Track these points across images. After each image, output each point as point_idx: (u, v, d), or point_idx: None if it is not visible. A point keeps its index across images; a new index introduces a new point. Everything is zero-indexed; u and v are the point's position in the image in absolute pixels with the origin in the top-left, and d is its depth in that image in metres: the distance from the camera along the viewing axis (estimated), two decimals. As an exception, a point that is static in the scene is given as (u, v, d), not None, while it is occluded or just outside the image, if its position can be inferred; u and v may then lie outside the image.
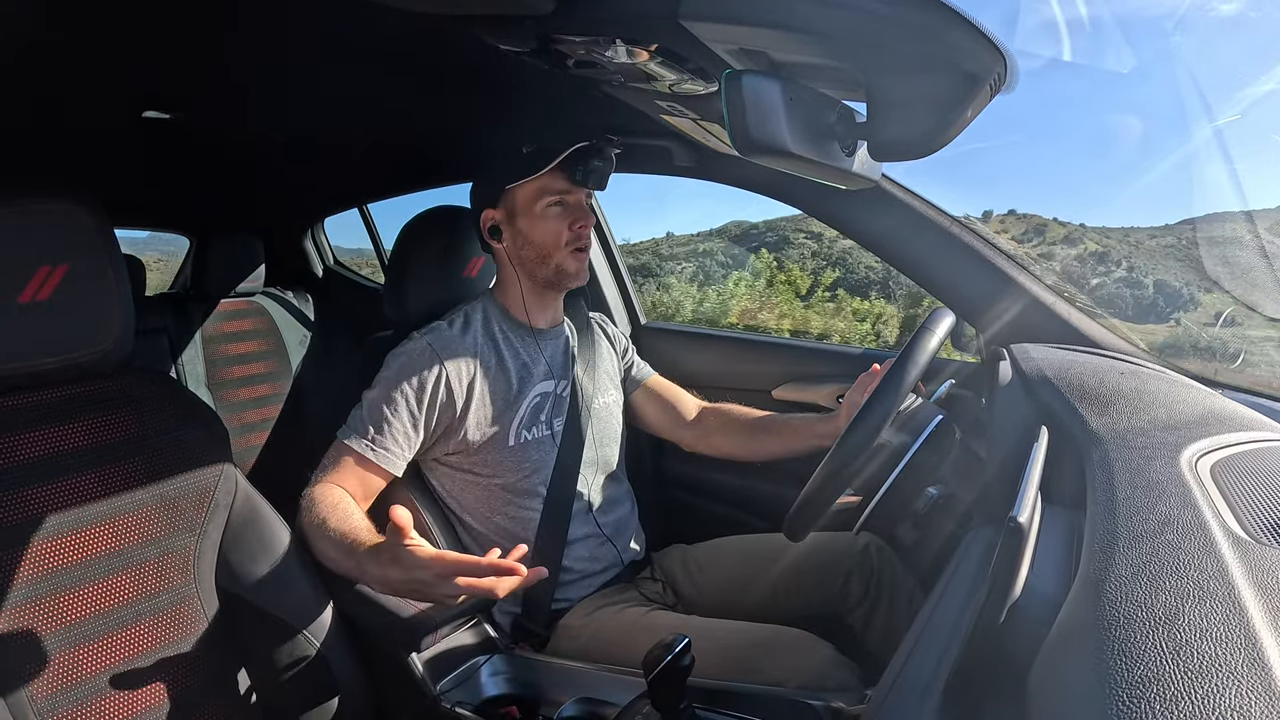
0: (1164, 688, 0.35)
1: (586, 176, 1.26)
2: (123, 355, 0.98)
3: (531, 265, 1.31)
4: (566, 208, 1.29)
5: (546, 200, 1.28)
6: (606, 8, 0.76)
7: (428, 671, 1.08)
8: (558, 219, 1.29)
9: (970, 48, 0.62)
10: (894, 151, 0.72)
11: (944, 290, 1.32)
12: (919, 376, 0.95)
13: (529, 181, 1.27)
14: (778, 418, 1.42)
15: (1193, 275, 11.82)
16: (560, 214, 1.29)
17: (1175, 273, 12.60)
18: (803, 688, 0.98)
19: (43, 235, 0.90)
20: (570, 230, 1.29)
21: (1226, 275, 1.19)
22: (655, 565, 1.43)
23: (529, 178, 1.27)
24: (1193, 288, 11.03)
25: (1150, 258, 13.71)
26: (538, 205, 1.28)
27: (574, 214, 1.29)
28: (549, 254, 1.29)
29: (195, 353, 2.39)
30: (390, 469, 1.18)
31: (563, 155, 1.24)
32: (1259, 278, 1.13)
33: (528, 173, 1.27)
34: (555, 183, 1.27)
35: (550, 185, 1.28)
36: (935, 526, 0.96)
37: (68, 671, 0.88)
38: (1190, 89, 1.22)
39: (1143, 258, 13.64)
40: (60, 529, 0.91)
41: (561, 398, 1.35)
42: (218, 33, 1.08)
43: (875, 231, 1.38)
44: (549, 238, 1.29)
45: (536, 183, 1.28)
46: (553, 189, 1.28)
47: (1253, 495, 0.57)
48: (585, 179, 1.26)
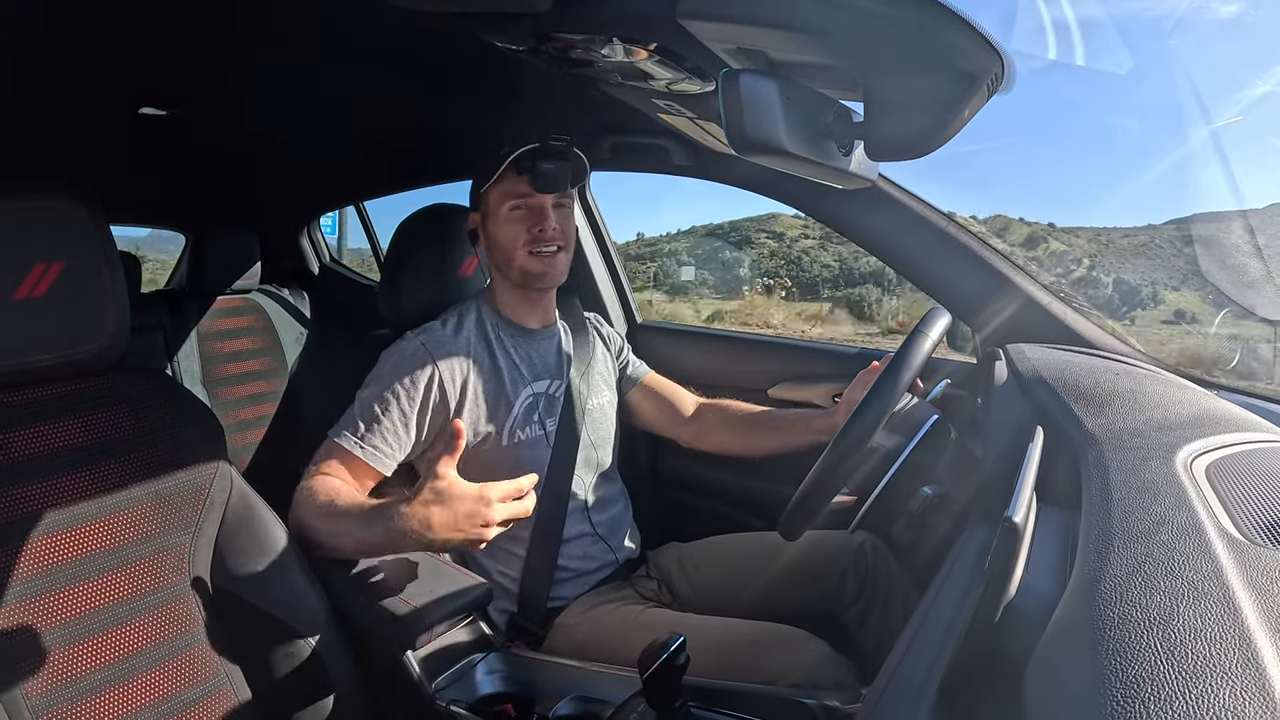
0: (1158, 687, 0.35)
1: (536, 180, 1.24)
2: (118, 352, 0.98)
3: (502, 267, 1.32)
4: (528, 211, 1.28)
5: (509, 204, 1.28)
6: (604, 6, 0.76)
7: (423, 669, 1.08)
8: (518, 222, 1.28)
9: (967, 47, 0.62)
10: (891, 151, 0.72)
11: (940, 290, 1.32)
12: (915, 376, 0.95)
13: (494, 185, 1.28)
14: (775, 413, 1.43)
15: (1160, 274, 11.90)
16: (521, 217, 1.28)
17: (1142, 271, 12.70)
18: (798, 686, 0.98)
19: (38, 231, 0.90)
20: (529, 233, 1.28)
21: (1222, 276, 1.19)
22: (651, 563, 1.43)
23: (491, 181, 1.27)
24: (1157, 286, 11.11)
25: (1119, 257, 13.83)
26: (502, 209, 1.28)
27: (533, 217, 1.28)
28: (510, 256, 1.29)
29: (191, 350, 2.38)
30: (379, 468, 1.17)
31: (509, 159, 1.24)
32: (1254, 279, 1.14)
33: (490, 176, 1.27)
34: (517, 186, 1.27)
35: (513, 189, 1.27)
36: (931, 526, 0.96)
37: (63, 669, 0.88)
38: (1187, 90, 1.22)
39: (1111, 257, 13.75)
40: (55, 526, 0.90)
41: (555, 398, 1.35)
42: (215, 30, 1.08)
43: (871, 231, 1.38)
44: (508, 241, 1.28)
45: (500, 186, 1.28)
46: (515, 192, 1.27)
47: (1248, 496, 0.57)
48: (536, 183, 1.24)
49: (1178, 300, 9.58)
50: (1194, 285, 8.43)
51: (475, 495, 0.97)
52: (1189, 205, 1.32)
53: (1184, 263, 11.37)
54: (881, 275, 14.75)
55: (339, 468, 1.15)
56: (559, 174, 1.25)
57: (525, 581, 1.27)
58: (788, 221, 22.75)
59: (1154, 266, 12.80)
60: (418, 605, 1.05)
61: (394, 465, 1.20)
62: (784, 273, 16.90)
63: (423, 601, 1.04)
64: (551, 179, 1.25)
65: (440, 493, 0.96)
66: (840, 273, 17.67)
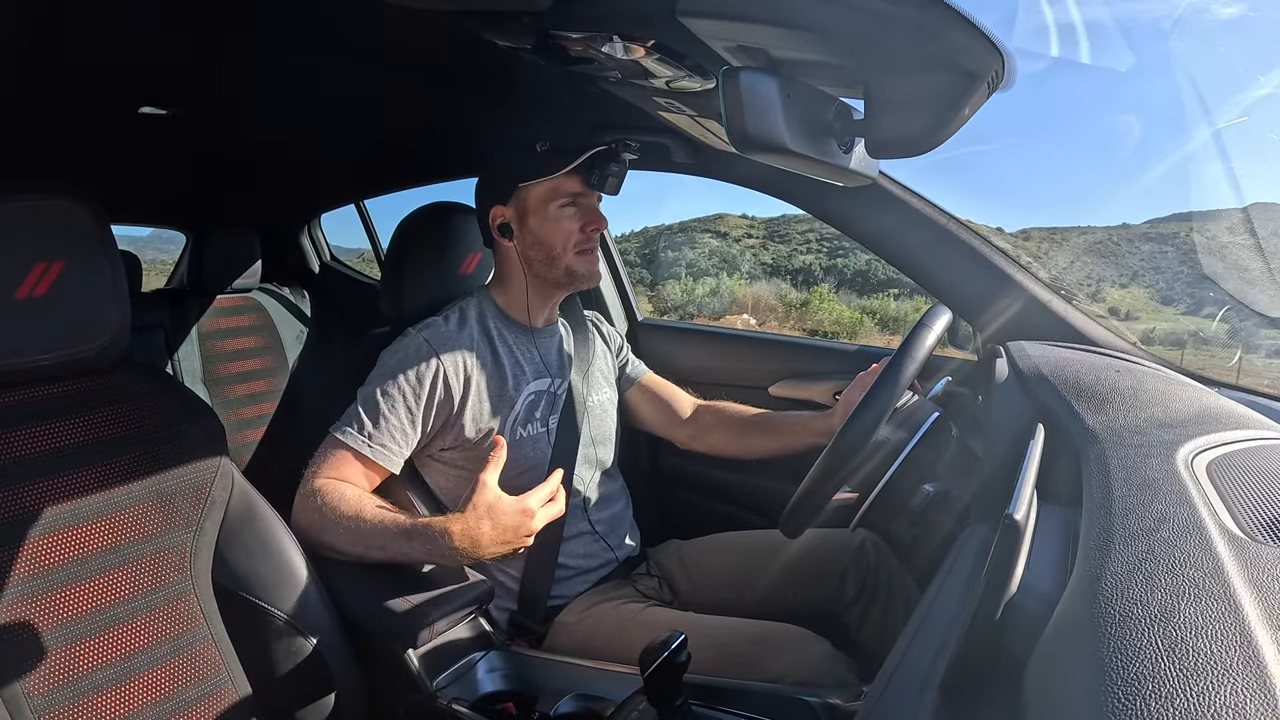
0: (1159, 684, 0.35)
1: (603, 181, 1.25)
2: (119, 351, 0.98)
3: (540, 265, 1.30)
4: (580, 209, 1.28)
5: (560, 201, 1.27)
6: (604, 4, 0.76)
7: (424, 668, 1.08)
8: (570, 220, 1.27)
9: (969, 46, 0.62)
10: (891, 149, 0.72)
11: (941, 287, 1.32)
12: (916, 373, 0.95)
13: (543, 181, 1.26)
14: (773, 415, 1.42)
15: (1111, 271, 11.90)
16: (573, 215, 1.28)
17: (1090, 269, 12.72)
18: (799, 684, 0.98)
19: (39, 231, 0.90)
20: (581, 232, 1.28)
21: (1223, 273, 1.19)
22: (651, 561, 1.43)
23: (544, 178, 1.25)
24: (1102, 284, 11.12)
25: (1072, 254, 13.87)
26: (550, 206, 1.27)
27: (586, 216, 1.28)
28: (558, 256, 1.28)
29: (191, 349, 2.38)
30: (388, 466, 1.17)
31: (581, 159, 1.23)
32: (1255, 276, 1.14)
33: (543, 172, 1.25)
34: (569, 184, 1.26)
35: (564, 186, 1.26)
36: (932, 523, 0.96)
37: (64, 668, 0.88)
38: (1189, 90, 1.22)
39: (1063, 254, 13.81)
40: (57, 525, 0.90)
41: (556, 396, 1.35)
42: (216, 29, 1.08)
43: (873, 229, 1.38)
44: (559, 239, 1.27)
45: (550, 183, 1.26)
46: (566, 190, 1.27)
47: (1249, 493, 0.57)
48: (601, 184, 1.25)
49: (1122, 298, 9.57)
50: (1144, 282, 8.41)
51: (519, 508, 1.01)
52: (1171, 205, 1.33)
53: (1139, 260, 11.36)
54: (810, 273, 15.51)
55: (345, 468, 1.14)
56: (622, 177, 1.27)
57: (526, 580, 1.27)
58: (733, 221, 23.73)
59: (1105, 264, 12.82)
60: (419, 603, 1.05)
61: (401, 463, 1.19)
62: (715, 269, 18.86)
63: (424, 600, 1.04)
64: (617, 182, 1.26)
65: (489, 507, 1.01)
66: (774, 269, 20.68)
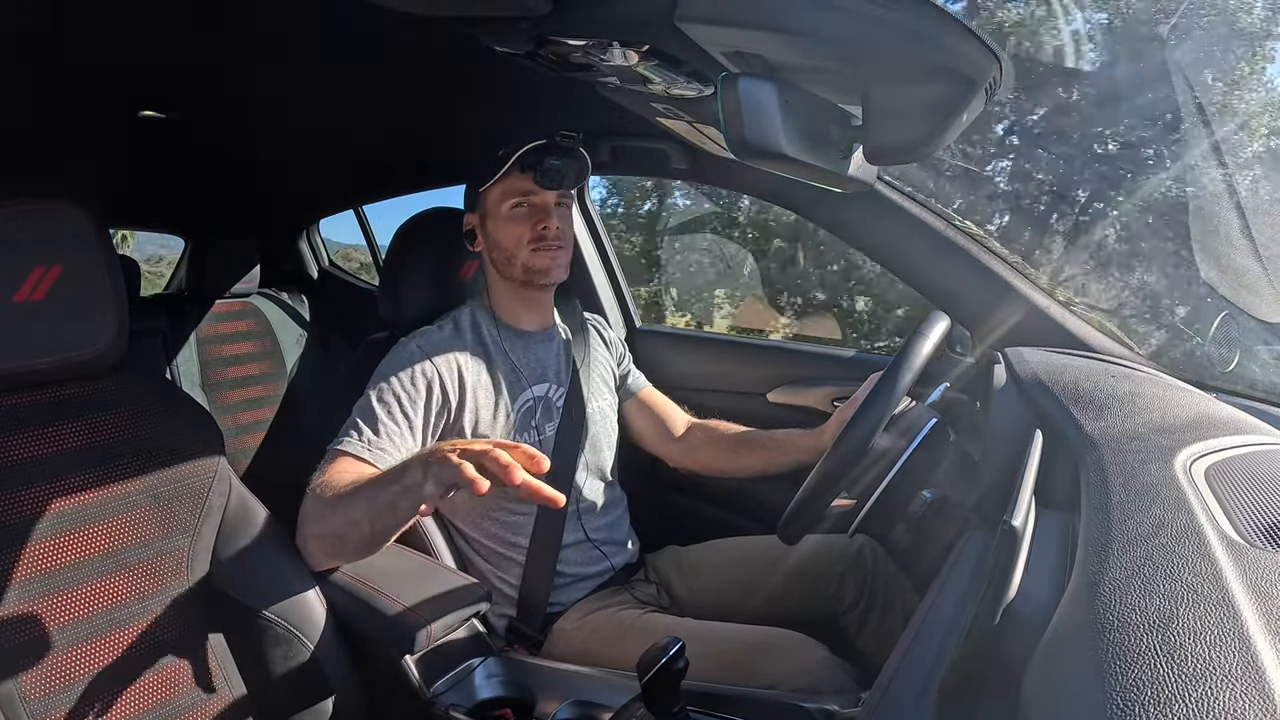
0: (1158, 691, 0.35)
1: (543, 177, 1.23)
2: (117, 356, 0.98)
3: (503, 267, 1.31)
4: (531, 209, 1.28)
5: (510, 202, 1.27)
6: (602, 10, 0.76)
7: (422, 673, 1.07)
8: (521, 221, 1.27)
9: (966, 52, 0.62)
10: (890, 155, 0.72)
11: (939, 294, 1.32)
12: (913, 380, 0.95)
13: (495, 184, 1.27)
14: (761, 434, 1.41)
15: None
16: (524, 215, 1.27)
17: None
18: (797, 690, 0.98)
19: (38, 235, 0.90)
20: (532, 230, 1.27)
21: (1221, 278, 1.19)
22: (649, 567, 1.43)
23: (492, 180, 1.26)
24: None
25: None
26: (503, 207, 1.27)
27: (536, 214, 1.28)
28: (513, 255, 1.28)
29: (190, 354, 2.38)
30: None
31: (515, 155, 1.23)
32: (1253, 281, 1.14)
33: (491, 175, 1.26)
34: (522, 184, 1.26)
35: (515, 186, 1.26)
36: (930, 530, 0.96)
37: (61, 672, 0.88)
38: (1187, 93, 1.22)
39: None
40: (54, 530, 0.90)
41: (554, 401, 1.34)
42: (215, 34, 1.08)
43: (871, 235, 1.38)
44: (511, 239, 1.27)
45: (502, 185, 1.27)
46: (517, 190, 1.27)
47: (1247, 499, 0.57)
48: (542, 179, 1.24)
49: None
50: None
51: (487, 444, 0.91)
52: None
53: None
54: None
55: (349, 475, 1.13)
56: (565, 170, 1.24)
57: (524, 586, 1.27)
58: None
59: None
60: (416, 609, 1.04)
61: None
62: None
63: (421, 605, 1.03)
64: (559, 175, 1.24)
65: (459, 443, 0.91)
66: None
